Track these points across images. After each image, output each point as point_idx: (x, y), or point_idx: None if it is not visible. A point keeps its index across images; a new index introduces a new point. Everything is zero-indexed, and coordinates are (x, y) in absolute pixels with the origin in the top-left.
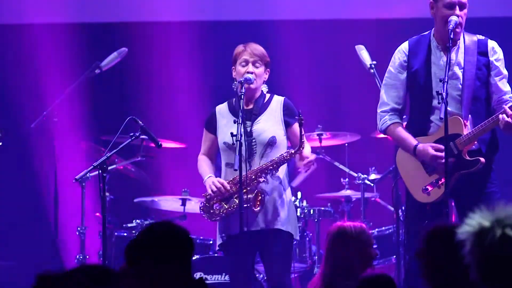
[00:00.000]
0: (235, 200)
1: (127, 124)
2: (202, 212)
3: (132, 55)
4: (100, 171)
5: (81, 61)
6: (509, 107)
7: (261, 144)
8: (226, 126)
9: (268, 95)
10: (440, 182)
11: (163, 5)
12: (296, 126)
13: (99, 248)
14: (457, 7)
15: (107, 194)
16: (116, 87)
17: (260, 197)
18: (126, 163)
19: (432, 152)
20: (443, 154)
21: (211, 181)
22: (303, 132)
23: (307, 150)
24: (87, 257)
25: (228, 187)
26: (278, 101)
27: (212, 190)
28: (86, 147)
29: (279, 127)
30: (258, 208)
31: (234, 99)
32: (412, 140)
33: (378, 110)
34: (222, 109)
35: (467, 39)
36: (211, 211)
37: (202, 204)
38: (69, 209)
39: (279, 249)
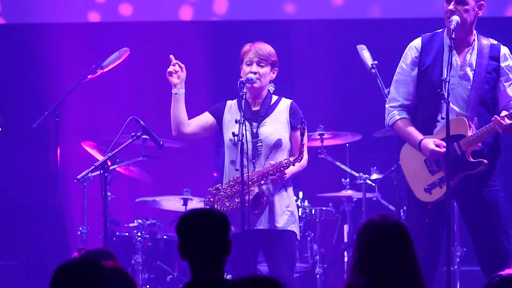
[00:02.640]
0: (236, 199)
1: (129, 124)
2: (205, 206)
3: (134, 55)
4: (101, 171)
5: (83, 61)
6: (508, 115)
7: (266, 146)
8: (232, 124)
9: (275, 97)
10: (442, 182)
11: (164, 5)
12: (298, 132)
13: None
14: (453, 2)
15: (108, 194)
16: (118, 87)
17: (261, 200)
18: (127, 163)
19: (432, 146)
20: (441, 150)
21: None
22: (304, 142)
23: (302, 161)
24: None
25: (181, 68)
26: (285, 103)
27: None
28: (88, 147)
29: (285, 129)
30: (257, 211)
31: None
32: (418, 135)
33: (387, 105)
34: (232, 105)
35: (482, 42)
36: (215, 206)
37: (207, 199)
38: (71, 209)
39: (284, 249)
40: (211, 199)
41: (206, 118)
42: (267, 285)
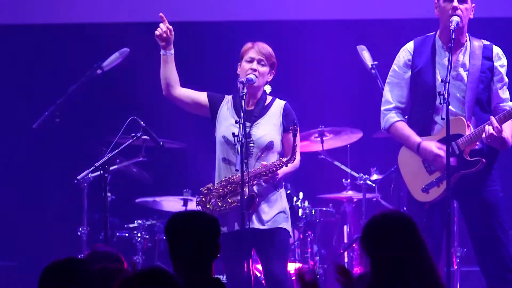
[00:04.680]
0: (229, 200)
1: (129, 125)
2: (197, 206)
3: (134, 55)
4: (101, 172)
5: (83, 62)
6: (497, 118)
7: (258, 147)
8: (226, 121)
9: (270, 98)
10: (440, 182)
11: (164, 5)
12: (291, 134)
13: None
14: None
15: (108, 194)
16: (118, 87)
17: (254, 200)
18: (127, 164)
19: (435, 150)
20: (444, 154)
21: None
22: (296, 143)
23: (295, 162)
24: None
25: (167, 30)
26: (279, 105)
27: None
28: (88, 148)
29: (277, 131)
30: (250, 211)
31: (238, 96)
32: (416, 138)
33: (382, 108)
34: (229, 101)
35: (473, 43)
36: (207, 206)
37: (199, 198)
38: (71, 210)
39: (276, 247)
40: (203, 199)
41: (201, 96)
42: (153, 278)
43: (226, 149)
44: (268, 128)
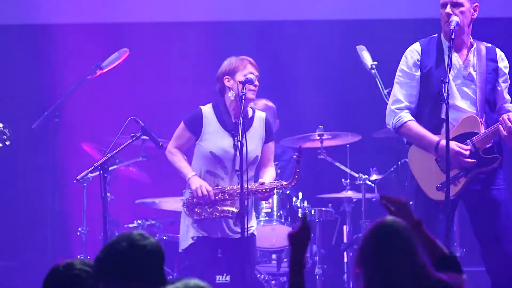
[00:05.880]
0: (218, 208)
1: (128, 125)
2: (184, 207)
3: (133, 55)
4: (101, 172)
5: (83, 61)
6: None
7: (247, 162)
8: (214, 136)
9: (250, 110)
10: (457, 179)
11: (164, 5)
12: (270, 145)
13: (100, 249)
14: (449, 5)
15: (108, 194)
16: (117, 87)
17: (243, 218)
18: (127, 164)
19: (456, 148)
20: (466, 152)
21: (199, 184)
22: (297, 169)
23: (270, 174)
24: (88, 258)
25: (213, 197)
26: (260, 117)
27: (198, 194)
28: (87, 148)
29: (260, 145)
30: (237, 225)
31: (222, 108)
32: (433, 136)
33: (392, 107)
34: (208, 114)
35: (478, 45)
36: (195, 210)
37: (187, 200)
38: (70, 210)
39: (252, 255)
40: (191, 201)
41: (187, 137)
42: None
43: (213, 163)
44: (254, 142)
